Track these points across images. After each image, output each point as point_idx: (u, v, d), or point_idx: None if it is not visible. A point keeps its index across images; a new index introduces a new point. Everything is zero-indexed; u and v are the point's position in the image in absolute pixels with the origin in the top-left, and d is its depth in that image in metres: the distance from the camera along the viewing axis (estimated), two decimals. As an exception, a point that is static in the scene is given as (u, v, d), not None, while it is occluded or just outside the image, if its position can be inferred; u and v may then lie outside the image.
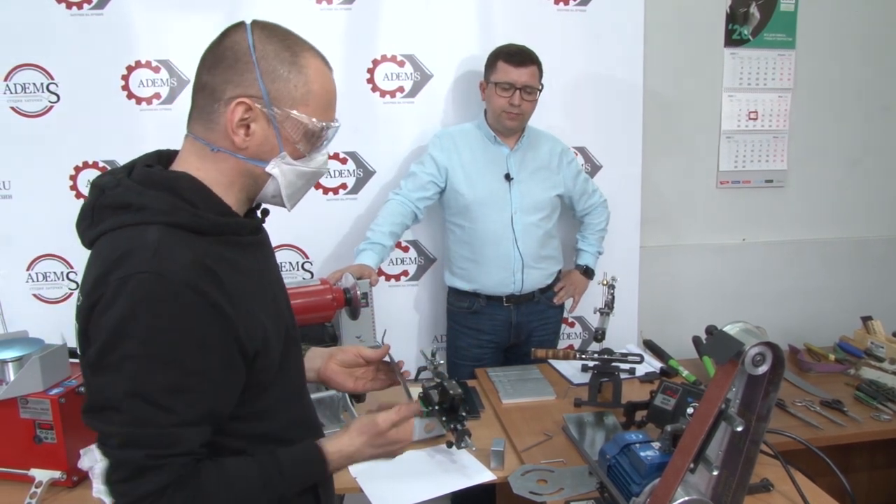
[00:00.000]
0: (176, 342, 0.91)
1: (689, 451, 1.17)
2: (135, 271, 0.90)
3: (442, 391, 1.82)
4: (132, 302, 0.89)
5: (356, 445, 1.15)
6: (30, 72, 2.41)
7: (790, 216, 3.10)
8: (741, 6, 2.86)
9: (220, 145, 1.00)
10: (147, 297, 0.89)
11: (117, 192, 0.98)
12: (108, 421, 0.92)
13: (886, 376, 2.23)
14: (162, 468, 0.92)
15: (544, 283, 2.49)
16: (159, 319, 0.90)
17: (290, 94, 0.99)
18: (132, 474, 0.92)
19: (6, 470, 1.60)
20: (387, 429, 1.17)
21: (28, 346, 1.62)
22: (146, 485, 0.92)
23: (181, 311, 0.91)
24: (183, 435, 0.93)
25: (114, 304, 0.90)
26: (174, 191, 0.98)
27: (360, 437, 1.16)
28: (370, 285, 2.03)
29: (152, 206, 0.96)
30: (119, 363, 0.90)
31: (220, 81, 0.98)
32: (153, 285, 0.90)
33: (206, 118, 1.00)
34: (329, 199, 2.63)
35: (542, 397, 2.09)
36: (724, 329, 1.20)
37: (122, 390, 0.90)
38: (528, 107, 2.32)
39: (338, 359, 1.32)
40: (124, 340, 0.90)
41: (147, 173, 1.00)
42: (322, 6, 2.48)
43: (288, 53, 0.99)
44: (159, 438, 0.92)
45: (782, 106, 2.98)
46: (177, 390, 0.92)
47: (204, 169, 1.01)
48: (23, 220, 2.50)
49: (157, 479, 0.92)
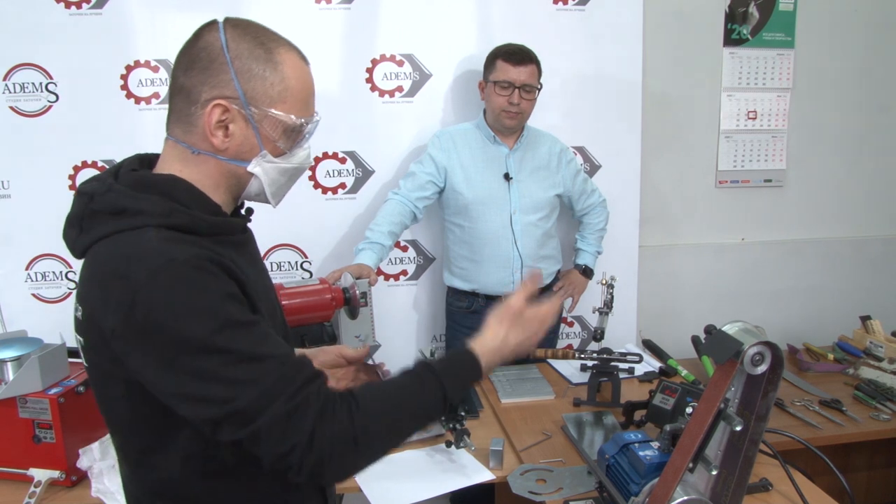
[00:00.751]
0: (223, 306, 0.90)
1: (688, 451, 1.17)
2: (154, 267, 0.88)
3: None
4: (169, 293, 0.87)
5: (500, 335, 1.13)
6: (29, 71, 2.41)
7: (789, 216, 3.11)
8: (740, 5, 2.86)
9: (201, 147, 1.00)
10: (178, 282, 0.88)
11: (109, 197, 0.96)
12: (233, 406, 0.88)
13: (885, 376, 2.23)
14: (307, 401, 0.90)
15: (543, 282, 2.49)
16: (199, 296, 0.89)
17: (267, 93, 0.98)
18: (286, 427, 0.89)
19: (5, 469, 1.60)
20: (522, 307, 1.16)
21: (27, 346, 1.62)
22: (303, 421, 0.89)
23: (211, 279, 0.90)
24: (294, 363, 0.92)
25: (152, 306, 0.87)
26: (168, 193, 0.97)
27: (499, 325, 1.14)
28: (369, 285, 2.04)
29: (149, 209, 0.95)
30: (196, 355, 0.88)
31: (196, 83, 0.97)
32: (177, 270, 0.89)
33: (184, 121, 1.00)
34: (328, 198, 2.63)
35: (541, 397, 2.09)
36: (722, 328, 1.20)
37: (218, 372, 0.88)
38: (527, 106, 2.32)
39: (319, 360, 1.31)
40: (184, 333, 0.87)
41: (138, 177, 0.99)
42: (321, 6, 2.48)
43: (262, 51, 0.98)
44: (281, 382, 0.90)
45: (781, 105, 2.98)
46: (258, 342, 0.91)
47: (188, 171, 1.01)
48: (22, 220, 2.50)
49: (308, 411, 0.90)
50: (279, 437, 0.89)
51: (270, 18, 1.02)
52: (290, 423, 0.89)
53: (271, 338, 0.94)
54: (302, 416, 0.89)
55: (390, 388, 1.01)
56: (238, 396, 0.88)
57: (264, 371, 0.89)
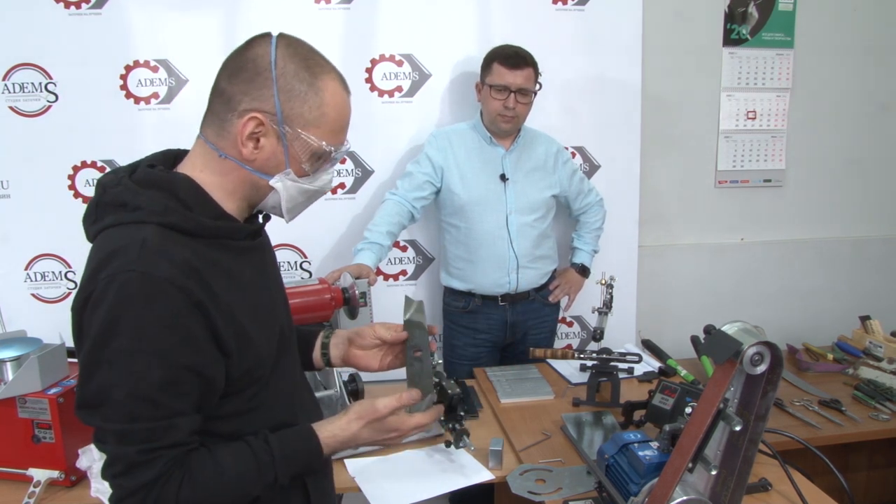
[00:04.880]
0: (162, 338, 0.93)
1: (687, 451, 1.17)
2: (120, 270, 0.92)
3: (440, 391, 1.82)
4: (119, 300, 0.91)
5: (353, 430, 1.13)
6: (28, 71, 2.41)
7: (789, 216, 3.11)
8: (740, 5, 2.86)
9: (228, 153, 1.02)
10: (132, 295, 0.91)
11: (117, 190, 1.00)
12: (101, 417, 0.95)
13: (885, 376, 2.23)
14: (154, 461, 0.95)
15: (539, 282, 2.49)
16: (144, 317, 0.92)
17: (304, 115, 1.00)
18: (126, 469, 0.95)
19: (4, 469, 1.60)
20: (386, 415, 1.15)
21: (26, 346, 1.62)
22: (139, 477, 0.94)
23: (165, 307, 0.92)
24: (173, 427, 0.95)
25: (102, 302, 0.92)
26: (170, 192, 0.99)
27: (357, 421, 1.14)
28: (368, 285, 2.03)
29: (146, 206, 0.98)
30: (109, 360, 0.92)
31: (237, 92, 0.99)
32: (138, 283, 0.92)
33: (218, 124, 1.02)
34: (327, 198, 2.63)
35: (541, 397, 2.09)
36: (722, 328, 1.20)
37: (113, 386, 0.93)
38: (523, 109, 2.32)
39: (357, 344, 1.32)
40: (113, 338, 0.92)
41: (147, 174, 1.01)
42: (320, 6, 2.47)
43: (307, 73, 1.00)
44: (150, 433, 0.94)
45: (781, 105, 2.98)
46: (165, 384, 0.94)
47: (209, 172, 1.03)
48: (21, 220, 2.50)
49: (149, 472, 0.94)
50: (120, 471, 0.96)
51: (270, 18, 1.03)
52: (133, 469, 0.95)
53: (181, 395, 0.96)
54: (144, 471, 0.94)
55: (226, 469, 1.01)
56: (108, 416, 0.94)
57: (145, 414, 0.94)
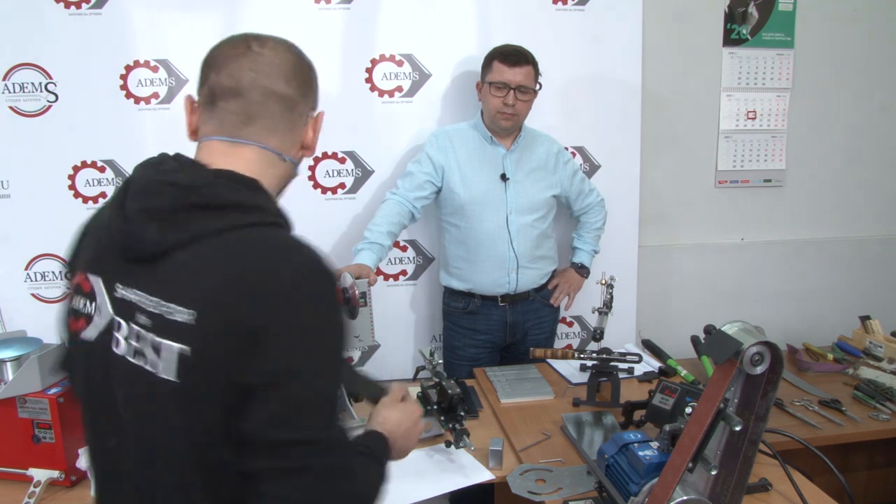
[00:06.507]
0: (343, 336, 0.92)
1: (687, 451, 1.17)
2: (306, 263, 0.89)
3: (440, 391, 1.82)
4: (322, 295, 0.89)
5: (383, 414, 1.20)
6: (28, 71, 2.41)
7: (789, 216, 3.10)
8: (740, 5, 2.86)
9: (290, 154, 1.03)
10: (329, 290, 0.90)
11: (217, 191, 0.90)
12: (313, 426, 0.85)
13: (885, 376, 2.23)
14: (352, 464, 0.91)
15: (539, 282, 2.49)
16: (338, 312, 0.92)
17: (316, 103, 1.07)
18: (341, 448, 0.90)
19: (4, 469, 1.60)
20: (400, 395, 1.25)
21: (26, 346, 1.63)
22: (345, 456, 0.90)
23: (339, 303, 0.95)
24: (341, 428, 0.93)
25: (301, 297, 0.86)
26: (262, 192, 0.96)
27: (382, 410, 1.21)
28: (368, 285, 2.04)
29: (266, 206, 0.94)
30: (319, 361, 0.87)
31: (299, 95, 1.01)
32: (329, 279, 0.91)
33: (281, 128, 1.00)
34: (327, 198, 2.63)
35: (541, 397, 2.09)
36: (722, 328, 1.20)
37: (325, 389, 0.88)
38: (523, 107, 2.32)
39: None
40: (323, 338, 0.88)
41: (229, 174, 0.94)
42: (320, 6, 2.47)
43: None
44: (343, 436, 0.91)
45: (781, 105, 2.98)
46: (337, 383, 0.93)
47: (268, 176, 0.99)
48: (21, 220, 2.49)
49: (349, 450, 0.94)
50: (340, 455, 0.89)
51: (270, 18, 1.03)
52: (341, 447, 0.91)
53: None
54: (347, 448, 0.94)
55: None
56: (318, 424, 0.86)
57: (336, 416, 0.91)
